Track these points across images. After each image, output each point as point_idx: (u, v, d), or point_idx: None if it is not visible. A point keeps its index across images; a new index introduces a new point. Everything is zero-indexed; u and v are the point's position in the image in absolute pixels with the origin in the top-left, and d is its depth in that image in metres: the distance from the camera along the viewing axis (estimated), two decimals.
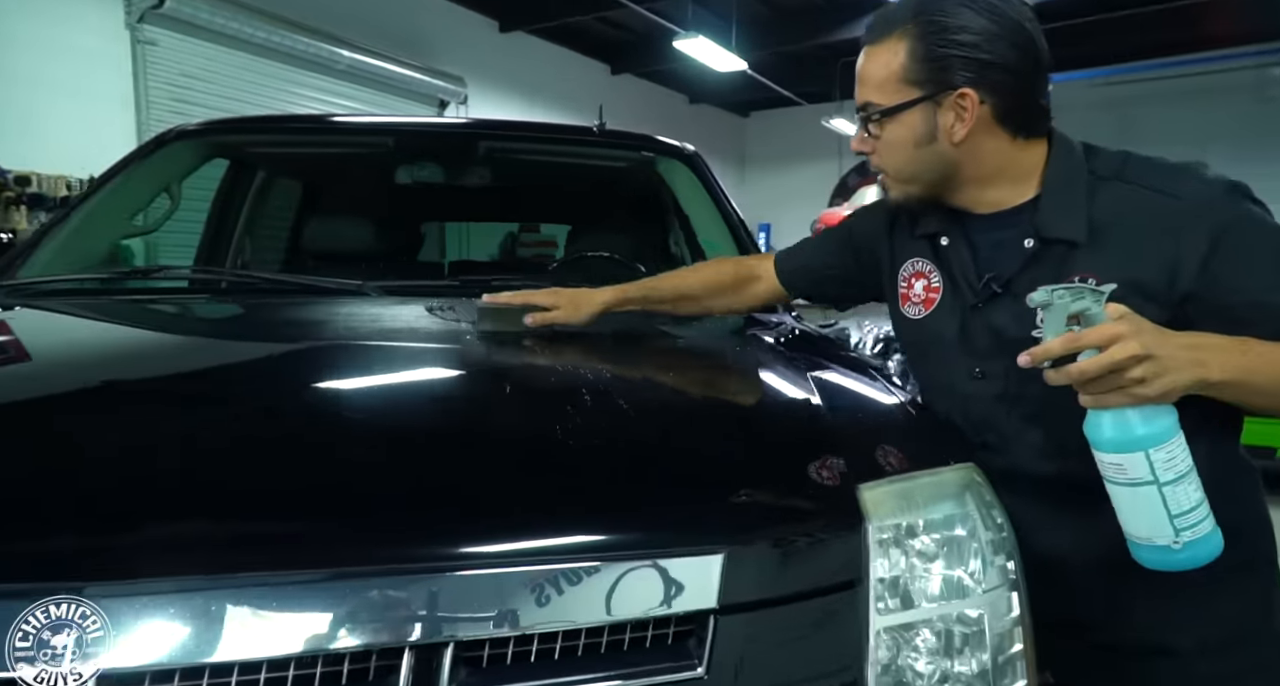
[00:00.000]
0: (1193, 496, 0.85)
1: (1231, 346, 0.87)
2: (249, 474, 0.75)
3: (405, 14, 7.34)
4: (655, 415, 0.93)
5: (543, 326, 1.21)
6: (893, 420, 1.07)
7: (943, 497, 0.88)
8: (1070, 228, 0.97)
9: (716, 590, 0.73)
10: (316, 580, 0.64)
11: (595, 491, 0.78)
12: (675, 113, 11.59)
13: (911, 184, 1.05)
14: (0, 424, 0.84)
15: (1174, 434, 0.84)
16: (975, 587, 0.85)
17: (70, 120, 4.85)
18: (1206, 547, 0.87)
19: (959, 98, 0.97)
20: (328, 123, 2.32)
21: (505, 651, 0.68)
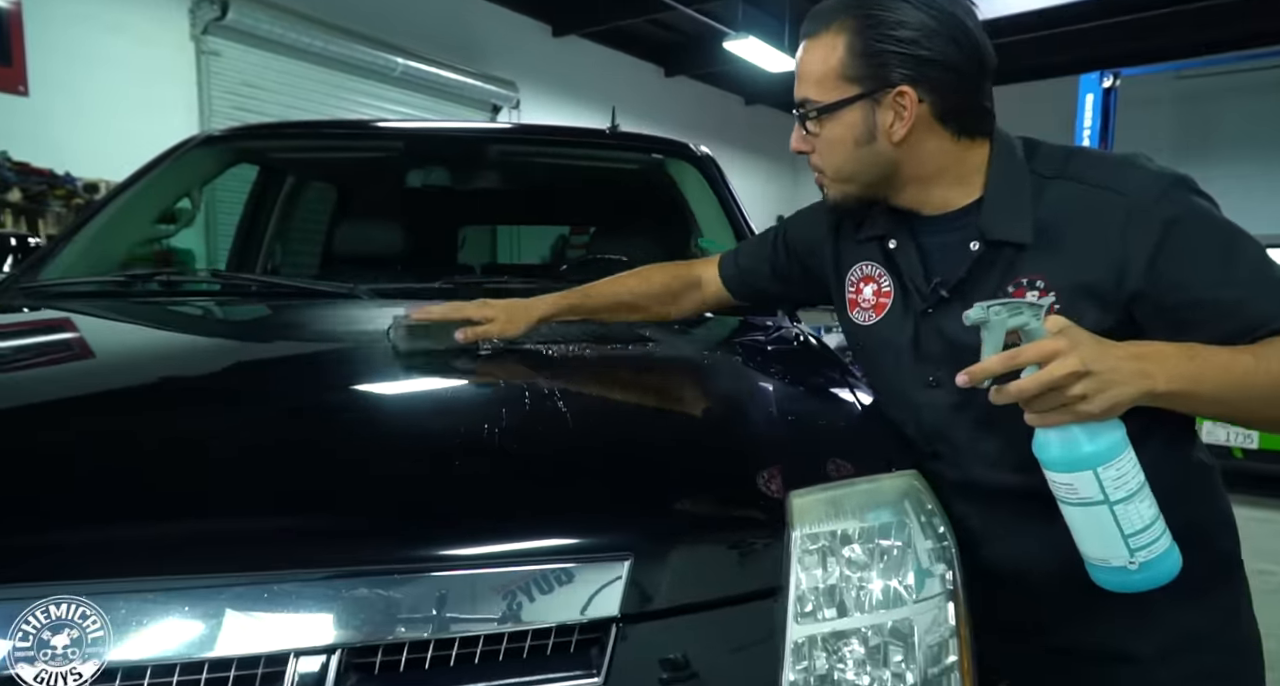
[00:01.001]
0: (1145, 514, 0.81)
1: (1177, 354, 0.83)
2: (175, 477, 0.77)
3: (459, 20, 7.48)
4: (585, 421, 0.92)
5: (472, 342, 1.13)
6: (841, 427, 1.04)
7: (879, 505, 0.86)
8: (1015, 229, 0.94)
9: (620, 597, 0.72)
10: (215, 585, 0.65)
11: (499, 496, 0.78)
12: (730, 114, 11.52)
13: (849, 184, 1.02)
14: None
15: (1122, 450, 0.80)
16: (909, 597, 0.83)
17: (137, 129, 5.09)
18: (1164, 566, 0.83)
19: (897, 96, 0.93)
20: (348, 128, 2.39)
21: (398, 658, 0.67)
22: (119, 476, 0.76)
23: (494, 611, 0.69)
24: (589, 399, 0.96)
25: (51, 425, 0.89)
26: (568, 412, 0.91)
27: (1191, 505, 0.95)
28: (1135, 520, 0.80)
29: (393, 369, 1.07)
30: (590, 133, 2.21)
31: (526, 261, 3.39)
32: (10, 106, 4.64)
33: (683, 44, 9.48)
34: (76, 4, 4.91)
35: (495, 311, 1.16)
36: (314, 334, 1.32)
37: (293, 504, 0.74)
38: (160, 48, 5.31)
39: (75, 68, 4.88)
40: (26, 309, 1.46)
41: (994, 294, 0.94)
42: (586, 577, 0.72)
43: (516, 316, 1.17)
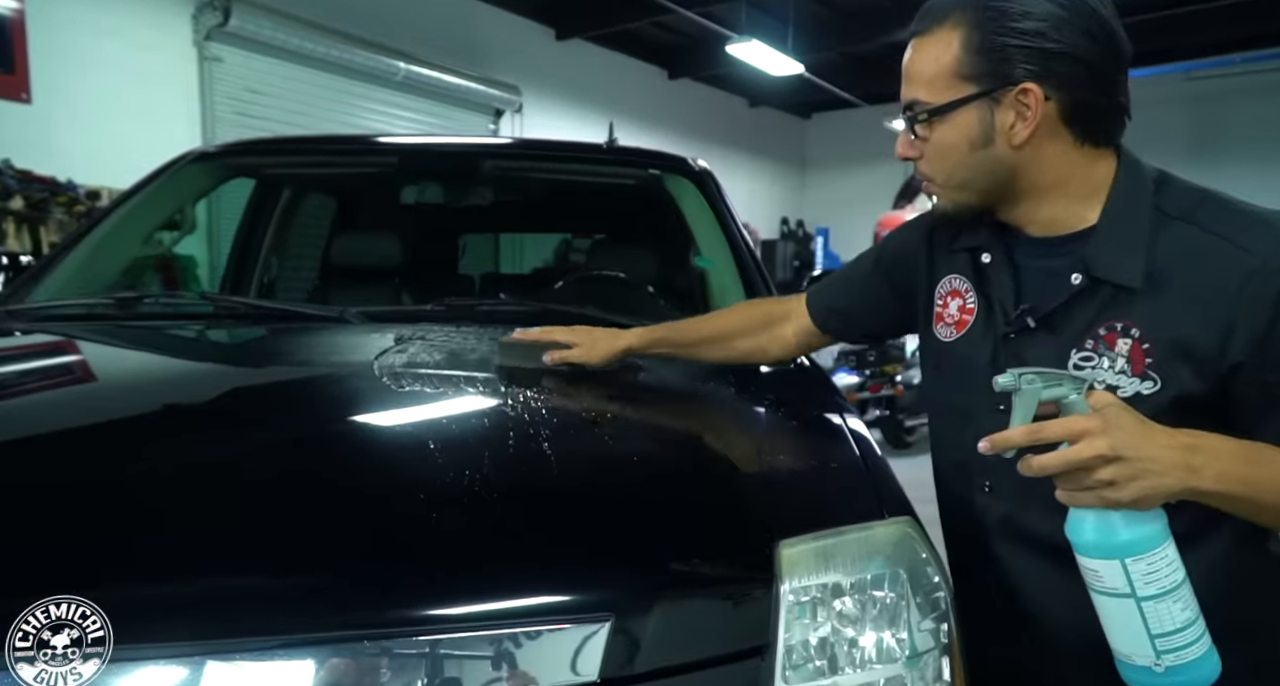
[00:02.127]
0: (1179, 617, 0.76)
1: (1237, 453, 0.77)
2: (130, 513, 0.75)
3: (462, 24, 7.47)
4: (565, 470, 0.88)
5: (558, 364, 1.18)
6: (833, 468, 1.01)
7: (871, 555, 0.83)
8: (1125, 270, 0.86)
9: (600, 660, 0.69)
10: (164, 655, 0.63)
11: (475, 555, 0.75)
12: (735, 116, 11.48)
13: (964, 191, 0.94)
14: None
15: (1156, 544, 0.75)
16: (902, 653, 0.80)
17: (139, 136, 5.09)
18: (1195, 673, 0.78)
19: (1020, 94, 0.86)
20: (342, 143, 2.37)
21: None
22: (71, 514, 0.74)
23: (469, 676, 0.67)
24: (568, 444, 0.93)
25: (22, 455, 0.87)
26: (548, 461, 0.88)
27: (1250, 606, 0.90)
28: (1165, 621, 0.75)
29: (373, 405, 1.05)
30: (588, 147, 2.18)
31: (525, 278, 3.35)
32: (13, 114, 4.64)
33: (686, 47, 9.45)
34: (79, 11, 4.91)
35: (584, 338, 1.20)
36: (298, 362, 1.30)
37: (256, 565, 0.71)
38: (162, 54, 5.31)
39: (77, 74, 4.88)
40: (18, 332, 1.44)
41: (1084, 333, 0.89)
42: (564, 640, 0.69)
43: (603, 345, 1.20)
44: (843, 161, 12.48)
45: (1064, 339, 0.91)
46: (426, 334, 1.36)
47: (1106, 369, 0.88)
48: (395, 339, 1.29)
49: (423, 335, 1.35)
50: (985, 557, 1.01)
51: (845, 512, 0.87)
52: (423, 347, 1.26)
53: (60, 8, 4.82)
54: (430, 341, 1.31)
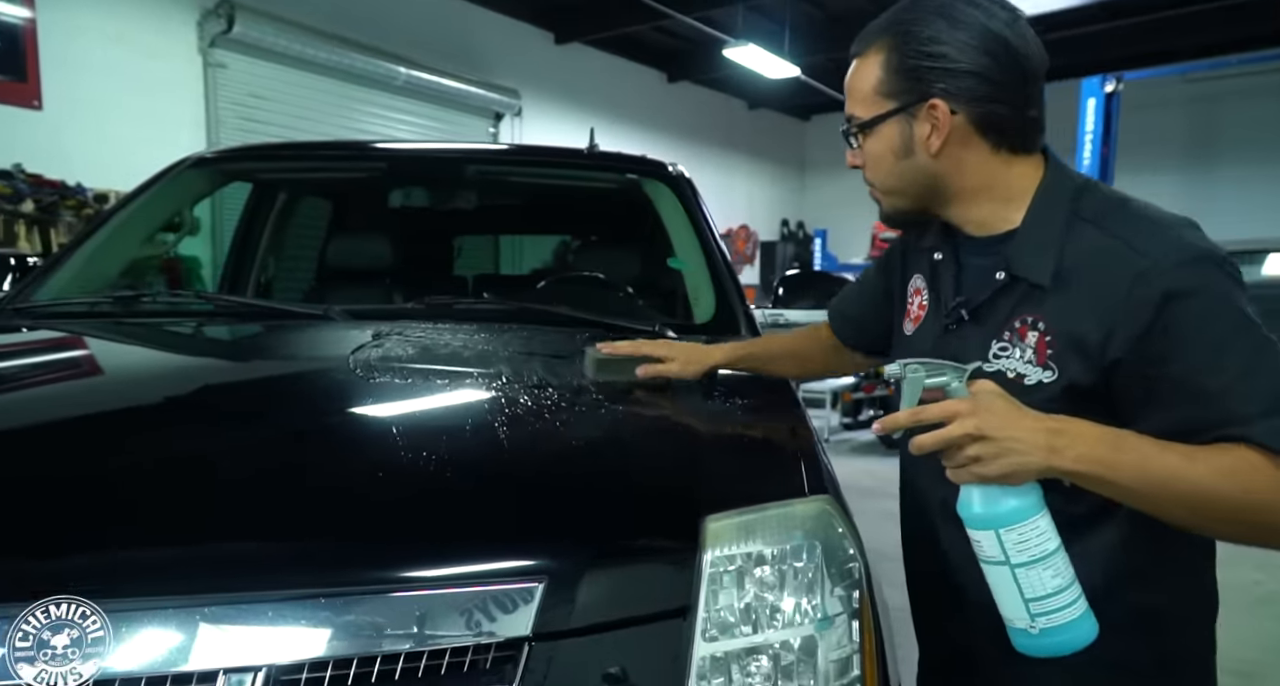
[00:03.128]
0: (1049, 583, 0.83)
1: (1101, 438, 0.83)
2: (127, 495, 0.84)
3: (461, 29, 7.58)
4: (508, 447, 0.97)
5: (650, 378, 1.22)
6: (761, 451, 1.09)
7: (789, 529, 0.90)
8: (1037, 269, 0.94)
9: (532, 617, 0.77)
10: (133, 608, 0.70)
11: (420, 524, 0.84)
12: (734, 119, 11.56)
13: (897, 197, 1.04)
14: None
15: (1028, 516, 0.83)
16: (815, 616, 0.87)
17: (146, 141, 5.21)
18: (1067, 636, 0.84)
19: (930, 108, 0.95)
20: (335, 149, 2.46)
21: (323, 675, 0.72)
22: (50, 493, 0.83)
23: (414, 630, 0.75)
24: (518, 428, 1.01)
25: (19, 443, 0.96)
26: (498, 442, 0.97)
27: (1153, 593, 0.96)
28: (1037, 586, 0.83)
29: (344, 393, 1.13)
30: (569, 152, 2.27)
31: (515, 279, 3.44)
32: (24, 120, 4.77)
33: (685, 50, 9.54)
34: (88, 19, 5.03)
35: (675, 352, 1.24)
36: (283, 355, 1.39)
37: (225, 531, 0.80)
38: (168, 61, 5.43)
39: (86, 81, 5.00)
40: (24, 329, 1.53)
41: (1003, 325, 0.97)
42: (501, 600, 0.77)
43: (693, 359, 1.25)
44: (842, 163, 12.39)
45: (988, 330, 0.99)
46: (404, 330, 1.45)
47: (1018, 358, 0.95)
48: (373, 334, 1.38)
49: (399, 331, 1.43)
50: (929, 538, 1.09)
51: (769, 491, 0.95)
52: (398, 342, 1.35)
53: (70, 16, 4.94)
54: (406, 337, 1.40)
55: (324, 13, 6.23)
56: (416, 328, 1.49)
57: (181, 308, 1.82)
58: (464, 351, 1.35)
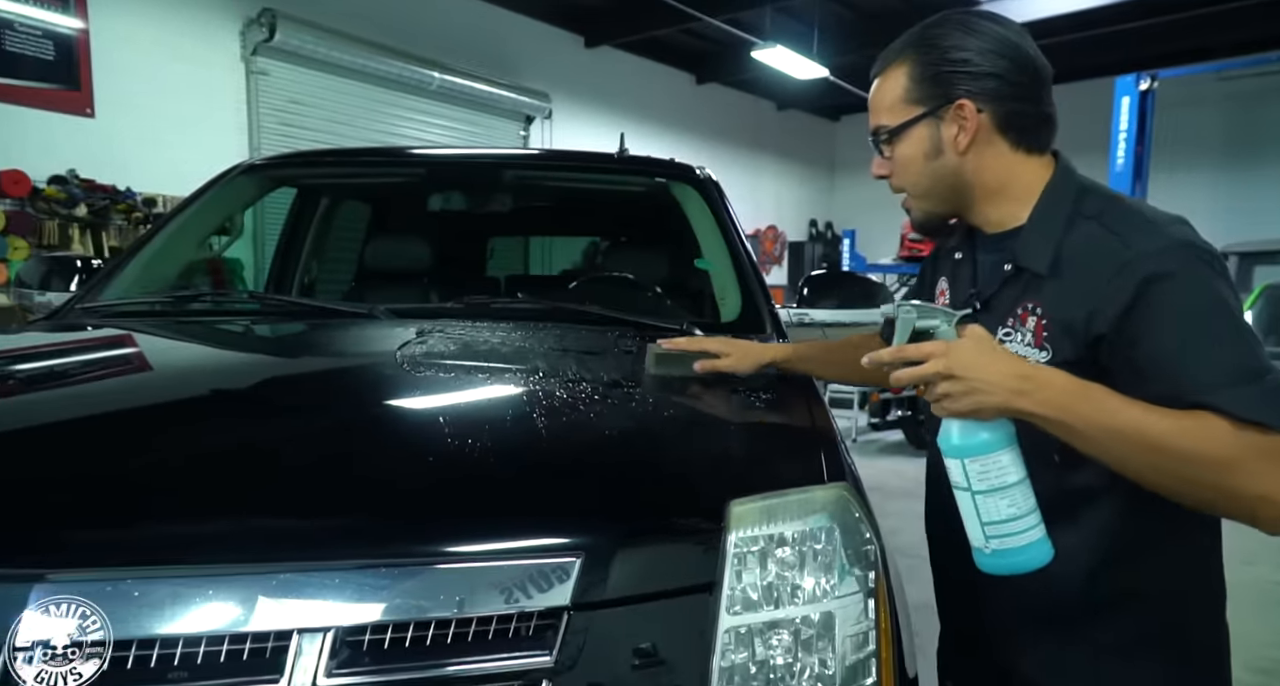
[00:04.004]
0: (1004, 511, 0.92)
1: (1067, 388, 0.89)
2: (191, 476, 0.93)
3: (493, 34, 7.71)
4: (551, 434, 1.04)
5: (708, 372, 1.28)
6: (783, 439, 1.15)
7: (809, 513, 0.97)
8: (1037, 258, 1.02)
9: (571, 589, 0.84)
10: (218, 574, 0.78)
11: (472, 501, 0.92)
12: (763, 120, 11.58)
13: (928, 199, 1.11)
14: None
15: (991, 450, 0.91)
16: (832, 594, 0.94)
17: (191, 146, 5.40)
18: (1017, 558, 0.93)
19: (958, 108, 1.03)
20: (376, 155, 2.56)
21: (383, 637, 0.80)
22: (141, 475, 0.92)
23: (465, 599, 0.82)
24: (558, 417, 1.08)
25: (95, 429, 1.05)
26: (541, 429, 1.05)
27: (1133, 572, 1.02)
28: (993, 512, 0.92)
29: (392, 384, 1.22)
30: (600, 156, 2.34)
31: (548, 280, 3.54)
32: (78, 127, 4.97)
33: (714, 52, 9.58)
34: (137, 29, 5.23)
35: (731, 349, 1.31)
36: (332, 350, 1.47)
37: (299, 507, 0.88)
38: (213, 69, 5.62)
39: (136, 89, 5.20)
40: (89, 327, 1.65)
41: (1008, 313, 1.05)
42: (543, 573, 0.85)
43: (748, 356, 1.31)
44: (871, 163, 12.49)
45: (995, 318, 1.06)
46: (445, 328, 1.53)
47: (1019, 342, 1.03)
48: (417, 332, 1.47)
49: (441, 329, 1.52)
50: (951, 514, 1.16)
51: (791, 477, 1.01)
52: (440, 339, 1.43)
53: (121, 27, 5.14)
54: (448, 334, 1.48)
55: (361, 20, 6.39)
56: (456, 325, 1.57)
57: (237, 307, 1.93)
58: (502, 347, 1.43)
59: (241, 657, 0.77)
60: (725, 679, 0.88)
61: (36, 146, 4.76)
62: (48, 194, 4.69)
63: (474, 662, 0.81)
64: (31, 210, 4.68)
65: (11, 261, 4.58)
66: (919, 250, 8.80)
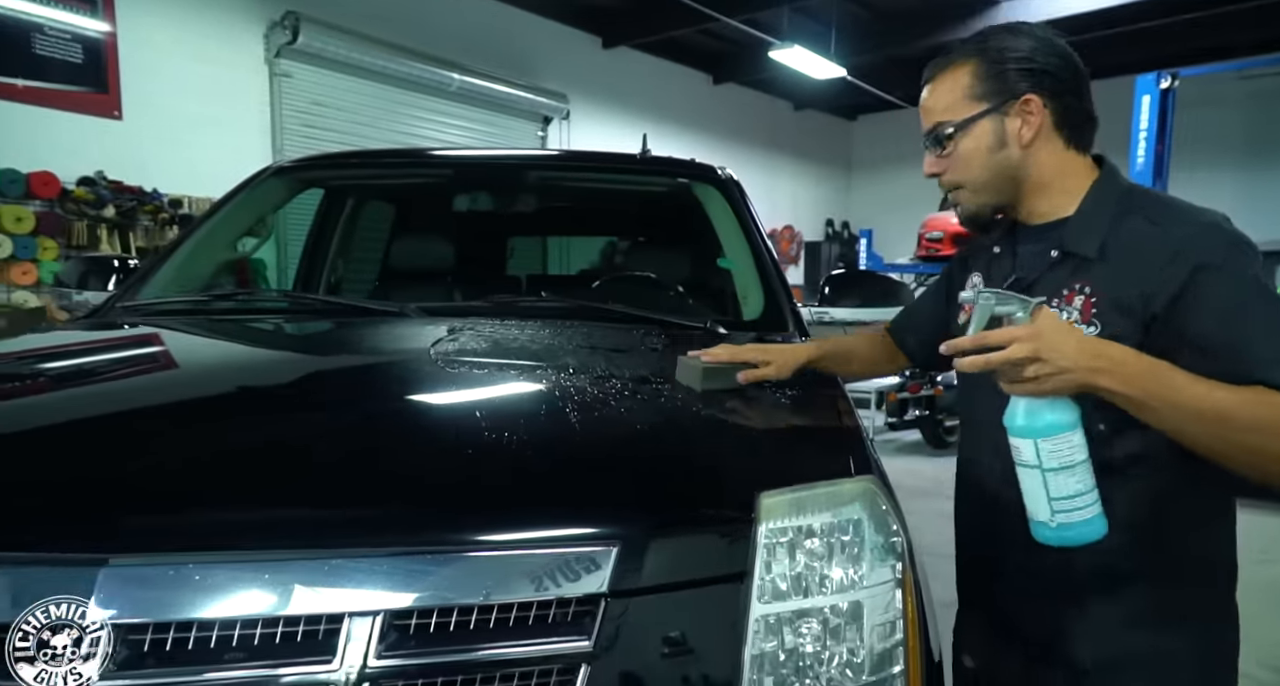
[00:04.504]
0: (1073, 486, 0.98)
1: (1139, 366, 0.96)
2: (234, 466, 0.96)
3: (512, 35, 7.76)
4: (588, 428, 1.07)
5: (753, 382, 1.30)
6: (812, 434, 1.18)
7: (837, 506, 0.99)
8: (1086, 244, 1.10)
9: (608, 577, 0.87)
10: (274, 560, 0.81)
11: (515, 492, 0.95)
12: (779, 119, 11.57)
13: (985, 192, 1.16)
14: None
15: (1062, 431, 0.97)
16: (860, 584, 0.96)
17: (216, 148, 5.48)
18: (1079, 531, 1.00)
19: (1024, 103, 1.11)
20: (402, 156, 2.60)
21: (429, 622, 0.83)
22: (199, 466, 0.96)
23: (507, 585, 0.85)
24: (592, 411, 1.11)
25: (152, 421, 1.09)
26: (573, 421, 1.08)
27: (1172, 544, 1.09)
28: (1061, 488, 0.98)
29: (431, 380, 1.25)
30: (623, 157, 2.37)
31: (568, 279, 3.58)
32: (106, 130, 5.06)
33: (731, 52, 9.59)
34: (164, 33, 5.31)
35: (770, 356, 1.33)
36: (370, 348, 1.51)
37: (350, 496, 0.92)
38: (237, 71, 5.71)
39: (162, 92, 5.29)
40: (127, 325, 1.69)
41: (1052, 294, 1.11)
42: (582, 560, 0.87)
43: (787, 361, 1.34)
44: (888, 163, 12.46)
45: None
46: (476, 325, 1.57)
47: (1064, 319, 1.07)
48: (448, 329, 1.50)
49: (472, 327, 1.55)
50: (980, 497, 1.22)
51: (819, 471, 1.04)
52: (473, 337, 1.47)
53: (147, 30, 5.23)
54: (479, 331, 1.52)
55: (381, 22, 6.46)
56: (486, 323, 1.61)
57: (272, 305, 1.97)
58: (533, 345, 1.46)
59: (295, 639, 0.80)
60: (756, 666, 0.90)
61: (65, 148, 4.86)
62: (77, 195, 4.78)
63: (516, 646, 0.84)
64: (61, 211, 4.78)
65: (41, 262, 4.67)
66: (936, 249, 8.77)
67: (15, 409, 1.12)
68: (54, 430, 1.05)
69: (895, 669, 0.95)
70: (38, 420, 1.09)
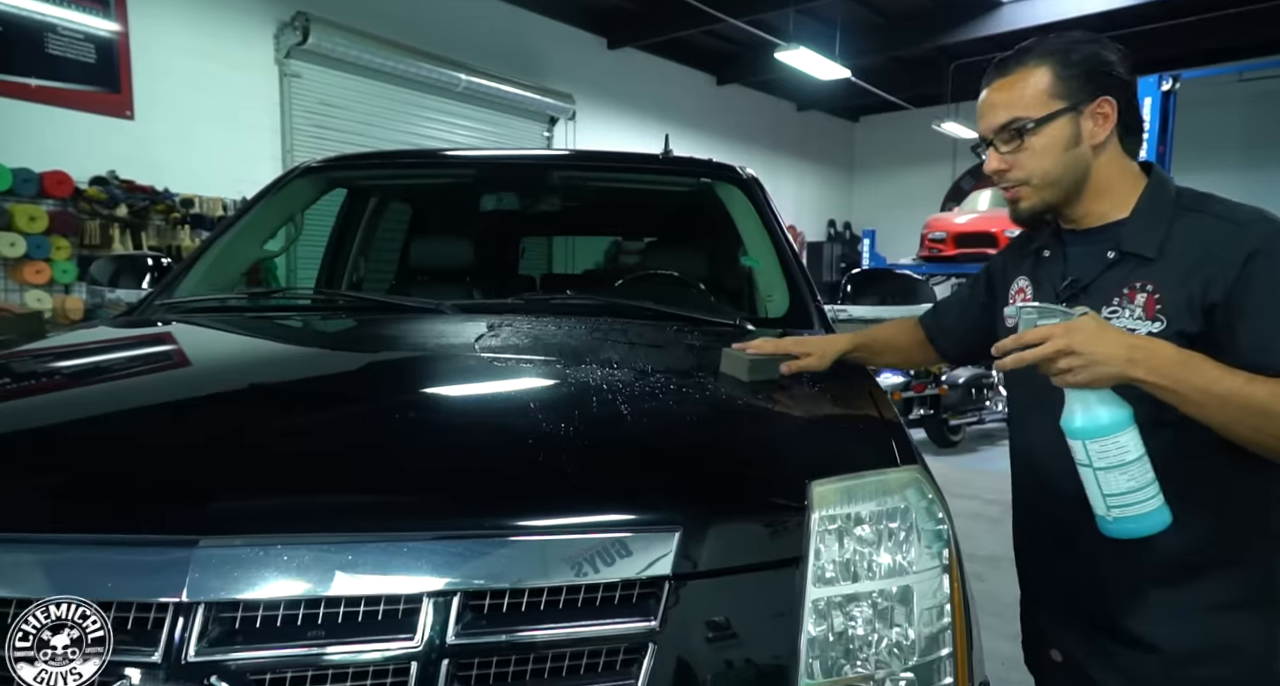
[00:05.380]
0: (1124, 484, 1.02)
1: (1173, 356, 1.00)
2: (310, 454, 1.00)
3: (518, 36, 7.79)
4: (650, 423, 1.12)
5: (794, 373, 1.33)
6: (858, 426, 1.21)
7: (885, 494, 1.02)
8: (1146, 244, 1.14)
9: (671, 561, 0.90)
10: (357, 541, 0.85)
11: (585, 479, 0.98)
12: (783, 120, 11.61)
13: (1050, 189, 1.20)
14: None
15: (1111, 432, 1.01)
16: (909, 570, 0.99)
17: (226, 147, 5.50)
18: (1136, 525, 1.04)
19: (1098, 105, 1.15)
20: (428, 156, 2.63)
21: (502, 602, 0.86)
22: (287, 453, 0.99)
23: (576, 568, 0.88)
24: (645, 399, 1.15)
25: (216, 413, 1.12)
26: (632, 412, 1.11)
27: (1242, 531, 1.14)
28: (1113, 485, 1.03)
29: (490, 373, 1.29)
30: (646, 157, 2.40)
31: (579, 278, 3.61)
32: (118, 129, 5.09)
33: (736, 54, 9.63)
34: (175, 34, 5.34)
35: (809, 347, 1.38)
36: (421, 343, 1.54)
37: (426, 482, 0.95)
38: (248, 72, 5.73)
39: (173, 92, 5.32)
40: (174, 322, 1.72)
41: (1112, 293, 1.15)
42: (646, 545, 0.91)
43: (826, 352, 1.38)
44: (890, 164, 12.51)
45: (1097, 299, 1.17)
46: (513, 322, 1.60)
47: (1128, 317, 1.14)
48: (488, 325, 1.54)
49: (511, 323, 1.59)
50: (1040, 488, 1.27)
51: (867, 460, 1.07)
52: (515, 333, 1.50)
53: (159, 31, 5.26)
54: (519, 328, 1.55)
55: (390, 23, 6.49)
56: (523, 320, 1.64)
57: (311, 302, 2.01)
58: (577, 341, 1.49)
59: (377, 618, 0.83)
60: (811, 648, 0.94)
61: (78, 148, 4.88)
62: (89, 194, 4.80)
63: (586, 626, 0.88)
64: (73, 211, 4.80)
65: (54, 261, 4.70)
66: (939, 250, 8.83)
67: (102, 398, 1.17)
68: (141, 420, 1.09)
69: (943, 652, 0.98)
70: (127, 411, 1.13)
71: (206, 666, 0.78)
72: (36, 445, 1.01)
